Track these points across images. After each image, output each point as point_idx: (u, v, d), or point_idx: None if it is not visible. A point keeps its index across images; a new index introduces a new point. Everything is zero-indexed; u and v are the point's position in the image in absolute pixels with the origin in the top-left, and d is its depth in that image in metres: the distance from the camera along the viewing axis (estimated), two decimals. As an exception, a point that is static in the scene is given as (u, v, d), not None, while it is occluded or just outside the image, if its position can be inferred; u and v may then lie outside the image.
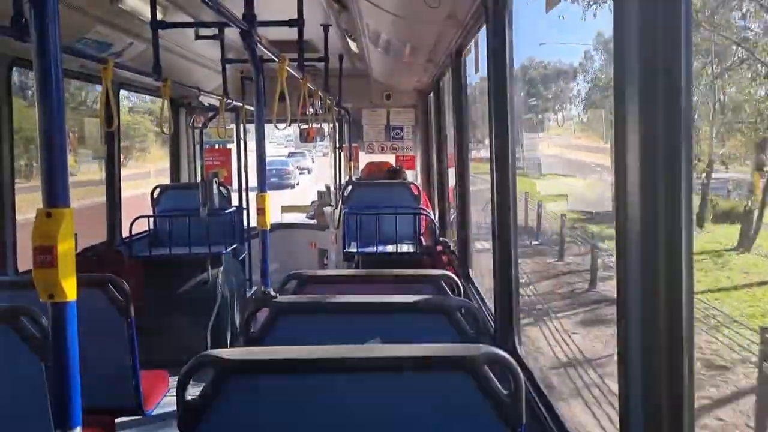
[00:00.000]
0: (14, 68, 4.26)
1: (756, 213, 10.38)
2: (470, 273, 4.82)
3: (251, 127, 8.28)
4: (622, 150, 1.50)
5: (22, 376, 2.62)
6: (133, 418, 3.71)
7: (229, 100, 7.03)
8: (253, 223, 7.03)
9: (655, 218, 1.44)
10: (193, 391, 1.94)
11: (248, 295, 7.58)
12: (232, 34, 5.93)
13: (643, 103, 1.44)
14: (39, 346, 2.55)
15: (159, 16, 4.86)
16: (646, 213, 1.45)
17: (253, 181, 8.20)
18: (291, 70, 4.83)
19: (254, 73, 4.12)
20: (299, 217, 10.26)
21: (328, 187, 9.91)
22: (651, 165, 1.44)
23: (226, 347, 6.43)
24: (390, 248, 6.29)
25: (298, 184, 33.69)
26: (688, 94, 1.40)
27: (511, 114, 3.13)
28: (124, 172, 6.47)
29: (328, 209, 9.02)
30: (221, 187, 6.95)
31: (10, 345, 2.56)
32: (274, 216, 5.15)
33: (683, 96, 1.40)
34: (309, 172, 40.19)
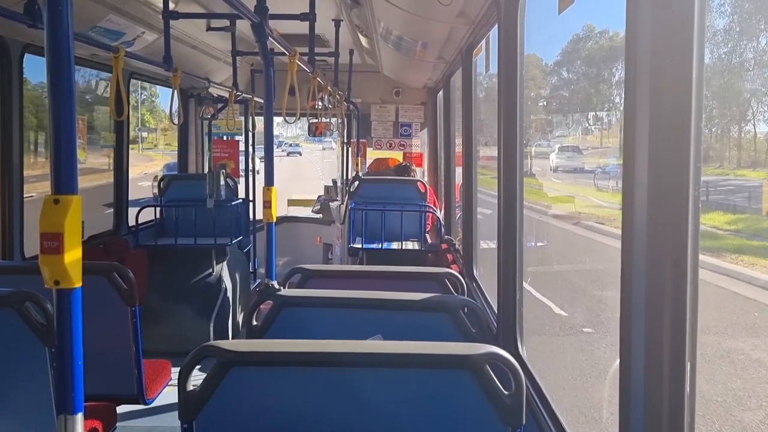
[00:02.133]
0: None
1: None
2: (474, 272, 4.82)
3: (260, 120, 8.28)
4: (630, 154, 1.50)
5: (26, 361, 2.63)
6: (134, 406, 3.73)
7: (238, 92, 7.03)
8: (259, 215, 7.06)
9: (662, 223, 1.44)
10: (194, 382, 1.95)
11: (252, 287, 7.60)
12: (243, 26, 5.93)
13: (653, 106, 1.43)
14: (43, 332, 2.57)
15: (171, 6, 4.87)
16: (653, 217, 1.45)
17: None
18: (301, 64, 4.83)
19: (264, 66, 4.12)
20: (305, 211, 10.27)
21: (335, 182, 9.92)
22: (659, 168, 1.43)
23: (229, 339, 6.45)
24: (395, 245, 6.29)
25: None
26: (699, 97, 1.40)
27: (521, 113, 3.12)
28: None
29: (334, 204, 9.02)
30: (228, 179, 6.96)
31: (14, 330, 2.58)
32: (280, 209, 5.16)
33: (693, 99, 1.40)
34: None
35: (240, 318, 6.93)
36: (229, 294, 6.62)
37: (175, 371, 3.21)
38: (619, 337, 1.59)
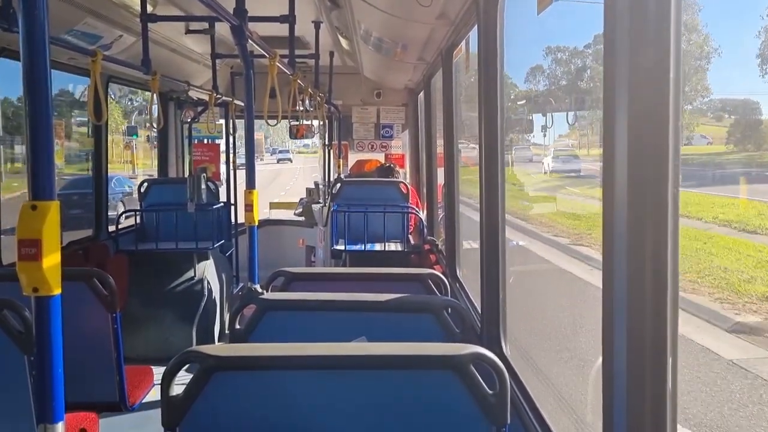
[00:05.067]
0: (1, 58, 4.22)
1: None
2: (458, 272, 4.83)
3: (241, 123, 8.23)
4: (610, 152, 1.51)
5: (5, 370, 2.59)
6: (116, 413, 3.69)
7: (218, 95, 7.00)
8: (241, 219, 7.03)
9: (642, 220, 1.45)
10: (178, 387, 1.93)
11: (235, 291, 7.56)
12: (222, 29, 5.90)
13: (632, 103, 1.45)
14: (22, 340, 2.53)
15: (149, 9, 4.83)
16: (633, 215, 1.46)
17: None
18: (281, 67, 4.82)
19: (244, 69, 4.10)
20: (288, 214, 10.24)
21: (317, 184, 9.90)
22: (638, 167, 1.45)
23: (213, 343, 6.41)
24: (378, 246, 6.29)
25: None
26: (676, 93, 1.41)
27: (501, 113, 3.13)
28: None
29: (316, 206, 9.00)
30: (209, 183, 6.92)
31: None
32: (262, 212, 5.14)
33: (671, 95, 1.41)
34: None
35: (223, 322, 6.88)
36: (212, 298, 6.58)
37: (157, 377, 3.19)
38: (601, 335, 1.60)
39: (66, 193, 13.67)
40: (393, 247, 6.34)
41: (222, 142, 8.85)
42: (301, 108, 7.08)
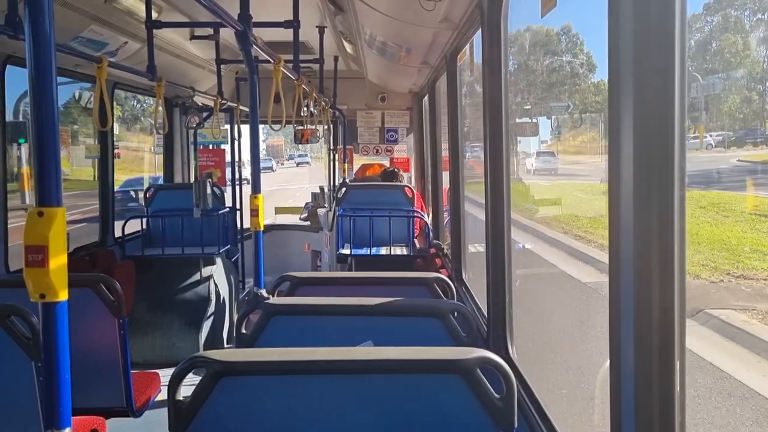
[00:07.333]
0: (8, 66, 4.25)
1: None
2: (464, 276, 4.82)
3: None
4: (615, 153, 1.50)
5: (12, 376, 2.60)
6: (123, 419, 3.70)
7: (223, 101, 7.02)
8: (247, 224, 7.03)
9: (648, 222, 1.45)
10: (185, 392, 1.93)
11: (241, 296, 7.57)
12: (227, 34, 5.92)
13: (637, 104, 1.44)
14: (29, 346, 2.54)
15: (154, 16, 4.85)
16: (640, 217, 1.45)
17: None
18: (286, 71, 4.83)
19: (249, 74, 4.11)
20: (293, 219, 10.25)
21: (322, 189, 9.91)
22: (644, 168, 1.44)
23: (220, 348, 6.41)
24: (383, 250, 6.29)
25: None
26: (681, 94, 1.41)
27: (506, 116, 3.13)
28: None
29: (321, 211, 9.01)
30: (215, 188, 6.94)
31: (0, 344, 2.55)
32: (267, 217, 5.16)
33: (677, 96, 1.41)
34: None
35: (230, 327, 6.89)
36: (218, 303, 6.59)
37: (164, 382, 3.19)
38: (608, 338, 1.59)
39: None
40: (398, 251, 6.34)
41: (227, 147, 8.87)
42: (306, 113, 7.10)
